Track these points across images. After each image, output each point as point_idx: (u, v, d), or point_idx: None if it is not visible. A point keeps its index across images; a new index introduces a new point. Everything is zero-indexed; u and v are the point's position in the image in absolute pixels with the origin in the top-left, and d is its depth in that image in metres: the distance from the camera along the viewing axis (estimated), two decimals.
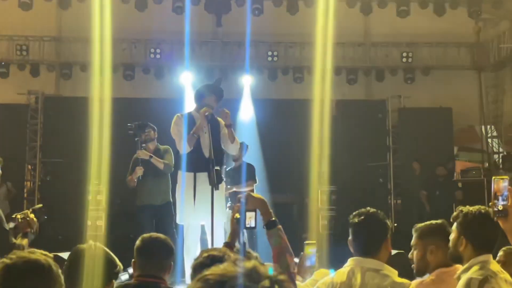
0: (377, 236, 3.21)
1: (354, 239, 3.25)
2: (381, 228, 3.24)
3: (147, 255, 3.43)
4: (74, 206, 13.03)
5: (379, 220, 3.25)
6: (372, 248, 3.17)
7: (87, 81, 14.12)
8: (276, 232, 3.20)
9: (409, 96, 14.12)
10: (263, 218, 3.25)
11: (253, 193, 3.38)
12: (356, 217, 3.25)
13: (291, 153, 13.92)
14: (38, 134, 13.48)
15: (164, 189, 7.47)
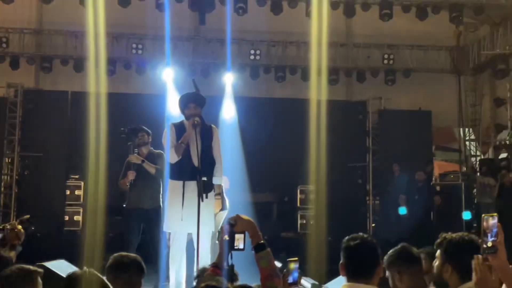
0: (371, 261, 3.20)
1: (348, 262, 3.21)
2: (375, 253, 3.24)
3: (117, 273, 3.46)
4: (52, 201, 12.94)
5: (373, 245, 3.25)
6: (366, 273, 3.15)
7: (67, 75, 14.05)
8: (265, 255, 3.20)
9: (390, 98, 14.21)
10: (252, 241, 3.28)
11: (243, 215, 3.37)
12: (351, 241, 3.23)
13: (271, 152, 13.95)
14: (16, 127, 13.32)
15: (154, 193, 7.43)
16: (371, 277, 3.15)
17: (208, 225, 6.16)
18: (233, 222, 3.28)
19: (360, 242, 3.21)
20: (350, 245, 3.21)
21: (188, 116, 6.29)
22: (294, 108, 14.63)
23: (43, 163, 13.13)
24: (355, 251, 3.18)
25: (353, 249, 3.19)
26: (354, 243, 3.20)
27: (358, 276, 3.14)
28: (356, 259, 3.18)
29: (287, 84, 14.65)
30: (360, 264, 3.17)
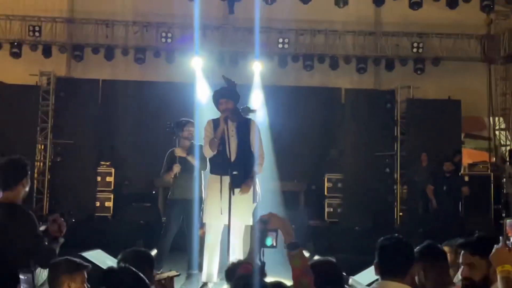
0: (405, 261, 3.24)
1: (383, 261, 3.26)
2: (410, 253, 3.29)
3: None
4: (83, 187, 13.17)
5: (408, 245, 3.30)
6: (400, 272, 3.20)
7: (98, 63, 14.23)
8: (297, 253, 3.25)
9: (418, 87, 14.12)
10: (285, 239, 3.28)
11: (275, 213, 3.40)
12: (386, 241, 3.29)
13: (299, 140, 14.00)
14: (49, 115, 13.56)
15: (197, 185, 7.54)
16: (405, 276, 3.19)
17: (241, 218, 6.23)
18: (266, 219, 3.31)
19: (395, 242, 3.26)
20: (385, 245, 3.26)
21: (222, 111, 6.35)
22: (322, 96, 14.69)
23: (75, 150, 13.38)
24: (390, 250, 3.24)
25: (388, 248, 3.24)
26: (388, 242, 3.26)
27: (392, 275, 3.19)
28: (390, 259, 3.23)
29: (315, 73, 14.63)
30: (394, 264, 3.21)
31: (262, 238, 3.29)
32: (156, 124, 13.88)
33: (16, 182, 4.19)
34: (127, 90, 14.36)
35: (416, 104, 13.96)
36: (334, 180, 13.64)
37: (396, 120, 13.94)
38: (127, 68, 14.49)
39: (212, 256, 6.32)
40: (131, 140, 14.16)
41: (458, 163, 12.88)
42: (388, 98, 14.06)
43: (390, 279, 3.19)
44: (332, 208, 13.48)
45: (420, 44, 14.10)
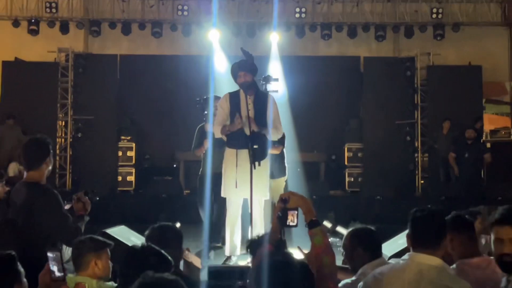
0: (438, 232, 3.19)
1: (415, 233, 3.21)
2: (443, 225, 3.24)
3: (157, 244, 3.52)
4: (105, 162, 13.28)
5: (441, 216, 3.25)
6: (432, 244, 3.16)
7: (115, 38, 14.22)
8: (318, 231, 3.24)
9: (438, 53, 13.94)
10: (306, 217, 3.28)
11: (295, 192, 3.38)
12: (418, 212, 3.24)
13: (318, 110, 13.94)
14: (69, 91, 13.63)
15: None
16: (437, 248, 3.16)
17: (261, 192, 6.24)
18: (286, 198, 3.29)
19: (427, 213, 3.22)
20: (417, 216, 3.22)
21: (241, 85, 6.30)
22: (340, 66, 14.56)
23: (95, 125, 13.46)
24: (422, 222, 3.19)
25: (420, 220, 3.20)
26: (421, 214, 3.22)
27: (424, 247, 3.15)
28: (422, 230, 3.18)
29: (333, 42, 14.49)
30: (426, 236, 3.17)
31: (283, 217, 3.29)
32: (174, 98, 13.95)
33: (40, 162, 4.23)
34: (145, 65, 14.36)
35: (436, 71, 13.79)
36: (354, 150, 13.60)
37: (416, 88, 13.80)
38: (144, 42, 14.47)
39: (234, 229, 6.35)
40: (151, 114, 14.21)
41: (480, 130, 12.75)
42: (407, 65, 13.90)
43: (421, 251, 3.16)
44: (353, 178, 13.46)
45: (439, 10, 13.87)
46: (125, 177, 13.29)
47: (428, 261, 3.13)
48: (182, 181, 12.85)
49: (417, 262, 3.14)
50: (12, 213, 4.16)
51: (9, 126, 12.50)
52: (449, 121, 12.62)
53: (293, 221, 3.28)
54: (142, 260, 2.76)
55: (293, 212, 3.27)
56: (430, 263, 3.12)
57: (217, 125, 6.39)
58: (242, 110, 6.25)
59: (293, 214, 3.28)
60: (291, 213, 3.27)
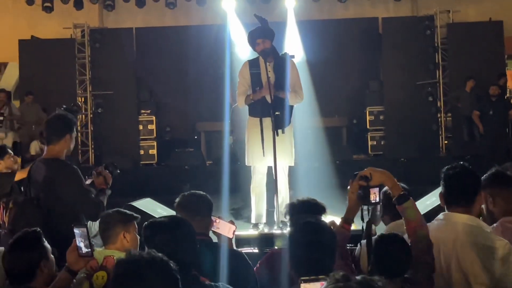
0: (471, 189, 3.11)
1: (448, 191, 3.15)
2: (476, 181, 3.14)
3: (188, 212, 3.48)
4: (126, 136, 13.30)
5: (474, 173, 3.15)
6: (466, 201, 3.08)
7: (130, 11, 14.11)
8: (409, 204, 3.09)
9: (458, 10, 13.64)
10: (392, 193, 3.15)
11: (375, 168, 3.26)
12: (451, 170, 3.15)
13: (337, 74, 13.78)
14: (86, 67, 13.60)
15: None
16: (472, 205, 3.08)
17: (285, 159, 6.18)
18: (368, 176, 3.17)
19: (460, 170, 3.13)
20: (449, 174, 3.14)
21: (260, 52, 6.19)
22: (358, 28, 14.34)
23: (115, 100, 13.45)
24: (455, 178, 3.11)
25: (453, 177, 3.12)
26: (453, 171, 3.13)
27: (458, 205, 3.07)
28: (455, 188, 3.11)
29: (350, 4, 14.24)
30: (460, 193, 3.10)
31: (365, 196, 3.16)
32: (192, 68, 13.87)
33: (59, 137, 4.20)
34: (161, 37, 14.27)
35: (456, 28, 13.50)
36: (376, 113, 13.45)
37: (437, 47, 13.54)
38: (159, 14, 14.35)
39: (259, 198, 6.31)
40: (169, 86, 14.16)
41: (504, 86, 12.51)
42: (427, 24, 13.61)
43: (455, 209, 3.08)
44: (376, 141, 13.33)
45: None
46: (147, 151, 13.30)
47: (463, 219, 3.06)
48: (204, 152, 12.85)
49: (453, 221, 3.07)
50: (33, 190, 4.14)
51: (28, 104, 12.53)
52: (473, 79, 12.38)
53: (375, 199, 3.16)
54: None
55: (375, 189, 3.15)
56: (466, 221, 3.05)
57: (240, 95, 6.32)
58: (263, 77, 6.16)
59: (375, 191, 3.15)
60: (373, 191, 3.15)
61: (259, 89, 6.11)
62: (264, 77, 6.13)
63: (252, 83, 6.27)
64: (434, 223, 3.21)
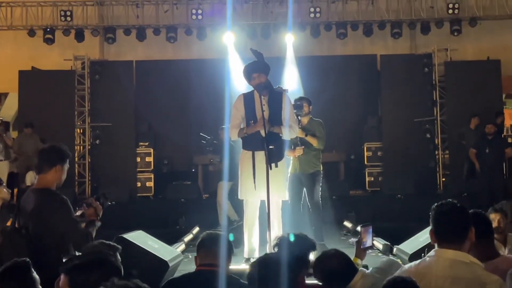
0: (461, 226, 3.09)
1: (438, 228, 3.12)
2: (466, 218, 3.14)
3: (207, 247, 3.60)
4: (124, 168, 13.31)
5: (463, 210, 3.15)
6: (457, 239, 3.08)
7: (131, 44, 14.26)
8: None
9: (456, 49, 13.78)
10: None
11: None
12: (440, 207, 3.16)
13: (336, 110, 13.83)
14: (86, 99, 13.69)
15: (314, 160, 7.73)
16: (462, 242, 3.07)
17: (278, 193, 6.18)
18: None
19: (450, 207, 3.13)
20: (439, 211, 3.14)
21: (256, 86, 6.23)
22: (357, 64, 14.48)
23: (113, 132, 13.49)
24: (444, 216, 3.10)
25: (442, 214, 3.12)
26: (443, 209, 3.14)
27: (449, 242, 3.06)
28: (446, 225, 3.09)
29: (349, 41, 14.39)
30: (451, 230, 3.08)
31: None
32: (191, 102, 13.97)
33: (49, 167, 4.20)
34: (161, 70, 14.39)
35: (454, 66, 13.63)
36: (374, 149, 13.50)
37: (435, 84, 13.65)
38: (159, 47, 14.49)
39: (252, 232, 6.29)
40: (168, 119, 14.23)
41: (501, 125, 12.57)
42: (425, 62, 13.76)
43: (447, 246, 3.08)
44: (373, 177, 13.35)
45: (455, 5, 13.69)
46: (144, 183, 13.31)
47: (454, 256, 3.04)
48: (201, 185, 12.85)
49: (444, 257, 3.06)
50: (22, 219, 4.14)
51: (27, 134, 12.56)
52: (478, 117, 12.42)
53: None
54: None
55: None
56: (456, 258, 3.03)
57: (233, 128, 6.33)
58: (257, 111, 6.19)
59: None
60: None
61: (254, 123, 6.14)
62: (258, 111, 6.16)
63: (247, 117, 6.29)
64: (426, 260, 3.20)
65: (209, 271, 3.49)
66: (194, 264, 3.65)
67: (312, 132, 7.64)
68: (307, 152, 7.57)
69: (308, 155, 7.60)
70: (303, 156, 7.55)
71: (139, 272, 3.97)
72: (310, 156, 7.63)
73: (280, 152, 6.21)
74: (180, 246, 7.81)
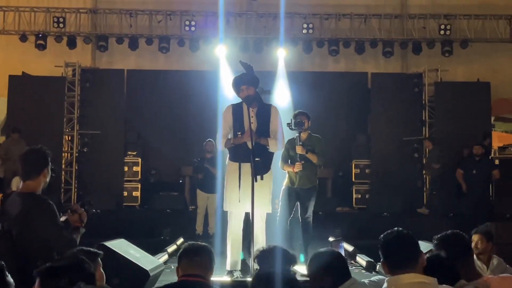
0: (412, 253, 3.07)
1: (389, 257, 3.09)
2: (414, 244, 3.11)
3: (189, 257, 3.55)
4: (111, 177, 13.27)
5: (411, 236, 3.13)
6: (409, 262, 3.05)
7: (123, 53, 14.28)
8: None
9: (447, 70, 13.91)
10: None
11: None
12: (387, 236, 3.16)
13: (325, 126, 13.83)
14: (75, 106, 13.67)
15: (312, 175, 7.63)
16: (415, 265, 3.05)
17: (263, 206, 6.18)
18: None
19: (396, 235, 3.14)
20: (387, 240, 3.13)
21: (244, 99, 6.25)
22: (348, 82, 14.55)
23: (102, 140, 13.48)
24: (394, 244, 3.08)
25: (391, 244, 3.10)
26: (390, 237, 3.14)
27: (401, 268, 3.04)
28: (396, 254, 3.06)
29: (341, 58, 14.50)
30: (401, 258, 3.04)
31: None
32: (181, 113, 13.98)
33: (37, 172, 4.19)
34: (152, 80, 14.40)
35: (444, 87, 13.74)
36: (362, 166, 13.55)
37: (424, 104, 13.77)
38: (151, 57, 14.52)
39: (235, 244, 6.28)
40: (157, 129, 14.22)
41: (488, 146, 12.66)
42: (415, 81, 13.88)
43: (401, 272, 3.05)
44: (360, 195, 13.40)
45: (447, 26, 13.84)
46: (131, 192, 13.28)
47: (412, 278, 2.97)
48: (187, 197, 12.84)
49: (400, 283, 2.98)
50: (6, 224, 4.12)
51: (14, 140, 12.50)
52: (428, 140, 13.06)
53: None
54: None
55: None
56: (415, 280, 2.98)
57: (220, 138, 6.36)
58: (245, 123, 6.22)
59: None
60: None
61: (241, 134, 6.16)
62: (246, 123, 6.20)
63: (234, 128, 6.32)
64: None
65: (191, 281, 3.47)
66: (176, 275, 3.64)
67: (312, 148, 7.61)
68: (307, 166, 7.50)
69: (307, 170, 7.53)
70: (302, 171, 7.51)
71: (120, 280, 3.96)
72: (309, 171, 7.58)
73: (266, 165, 6.22)
74: (163, 257, 7.79)
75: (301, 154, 7.46)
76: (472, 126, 13.00)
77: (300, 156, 7.47)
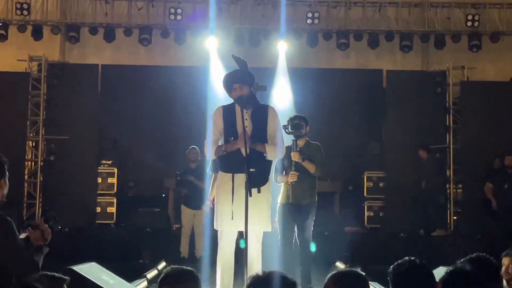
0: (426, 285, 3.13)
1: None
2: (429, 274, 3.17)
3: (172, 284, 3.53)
4: (82, 190, 13.24)
5: (425, 267, 3.18)
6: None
7: (97, 46, 14.27)
8: None
9: (474, 67, 13.94)
10: None
11: None
12: (399, 268, 3.18)
13: (333, 132, 13.89)
14: (41, 107, 13.64)
15: (309, 189, 7.75)
16: None
17: (260, 224, 6.10)
18: None
19: (409, 266, 3.16)
20: (397, 274, 3.15)
21: (237, 99, 6.22)
22: (359, 80, 14.58)
23: (71, 147, 13.45)
24: (405, 279, 3.13)
25: (403, 277, 3.14)
26: (402, 269, 3.15)
27: None
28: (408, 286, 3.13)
29: (351, 53, 14.54)
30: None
31: None
32: (165, 116, 13.99)
33: None
34: (131, 77, 14.41)
35: (472, 87, 13.78)
36: (375, 179, 13.55)
37: (448, 107, 13.79)
38: (130, 51, 14.53)
39: (226, 268, 6.20)
40: (137, 135, 14.22)
41: None
42: (438, 81, 13.92)
43: None
44: (373, 212, 13.39)
45: (475, 17, 13.88)
46: (105, 208, 13.25)
47: None
48: (171, 213, 12.82)
49: None
50: None
51: None
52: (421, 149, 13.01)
53: None
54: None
55: None
56: None
57: (209, 145, 6.29)
58: (238, 127, 6.17)
59: None
60: None
61: (234, 139, 6.10)
62: (239, 127, 6.14)
63: (226, 133, 6.25)
64: None
65: None
66: None
67: (309, 156, 7.62)
68: (302, 179, 7.54)
69: (303, 183, 7.57)
70: (296, 184, 7.52)
71: None
72: (305, 184, 7.61)
73: (264, 175, 6.15)
74: (141, 283, 7.76)
75: (296, 163, 7.48)
76: (503, 133, 13.02)
77: (296, 164, 7.48)
